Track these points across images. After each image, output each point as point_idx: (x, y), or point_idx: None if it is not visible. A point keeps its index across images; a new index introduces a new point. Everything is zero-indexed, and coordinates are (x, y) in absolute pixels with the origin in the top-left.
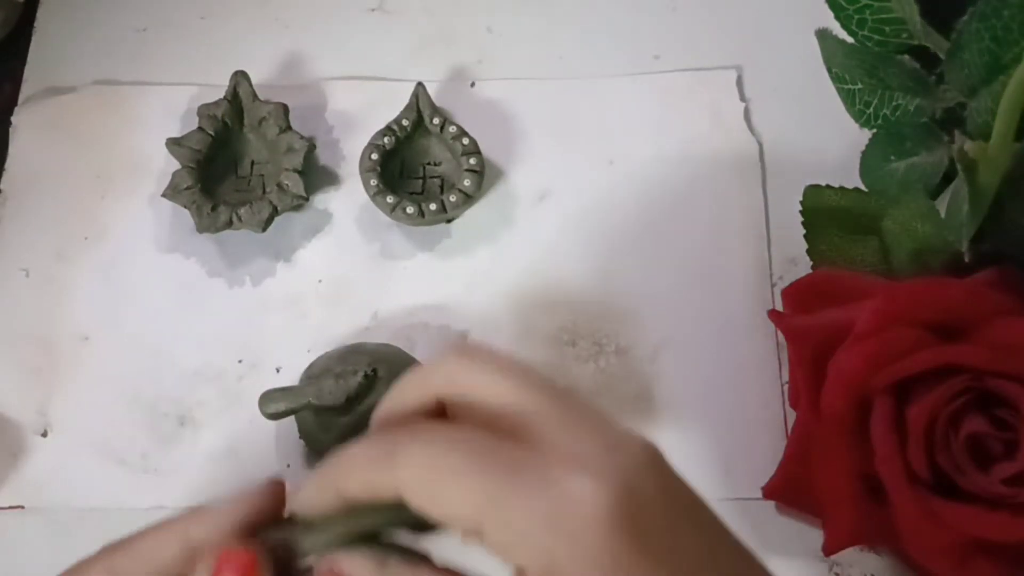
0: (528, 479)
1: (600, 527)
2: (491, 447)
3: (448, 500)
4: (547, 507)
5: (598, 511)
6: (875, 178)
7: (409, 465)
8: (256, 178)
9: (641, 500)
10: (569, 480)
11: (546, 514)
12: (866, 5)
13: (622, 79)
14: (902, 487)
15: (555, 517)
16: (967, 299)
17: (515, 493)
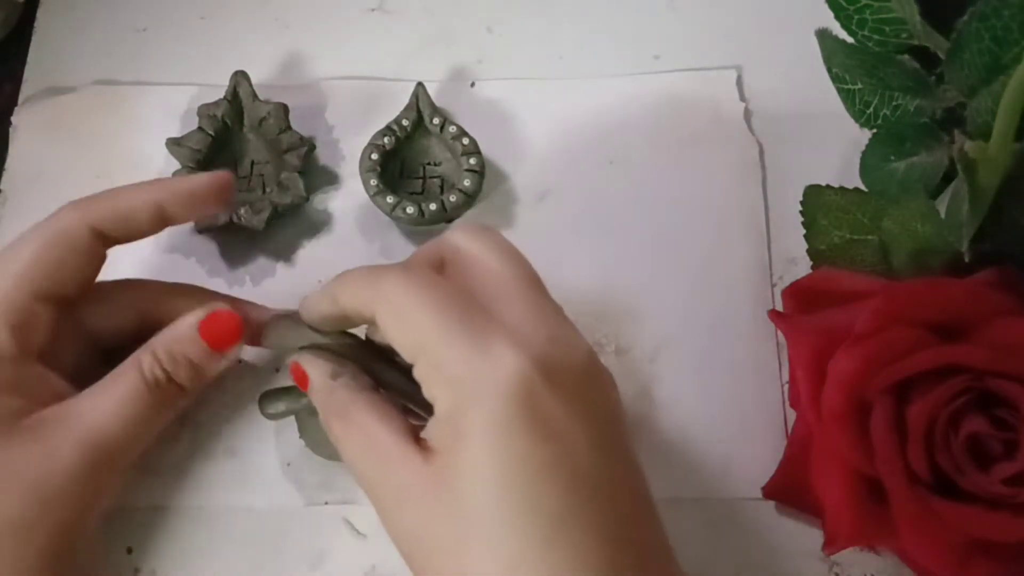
0: (470, 333)
1: (504, 396)
2: (457, 298)
3: (405, 327)
4: (472, 364)
5: (508, 382)
6: (875, 178)
7: (388, 289)
8: (256, 178)
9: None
10: (501, 349)
11: (468, 369)
12: (866, 5)
13: (622, 79)
14: (902, 487)
15: (474, 374)
16: (967, 299)
17: (454, 343)
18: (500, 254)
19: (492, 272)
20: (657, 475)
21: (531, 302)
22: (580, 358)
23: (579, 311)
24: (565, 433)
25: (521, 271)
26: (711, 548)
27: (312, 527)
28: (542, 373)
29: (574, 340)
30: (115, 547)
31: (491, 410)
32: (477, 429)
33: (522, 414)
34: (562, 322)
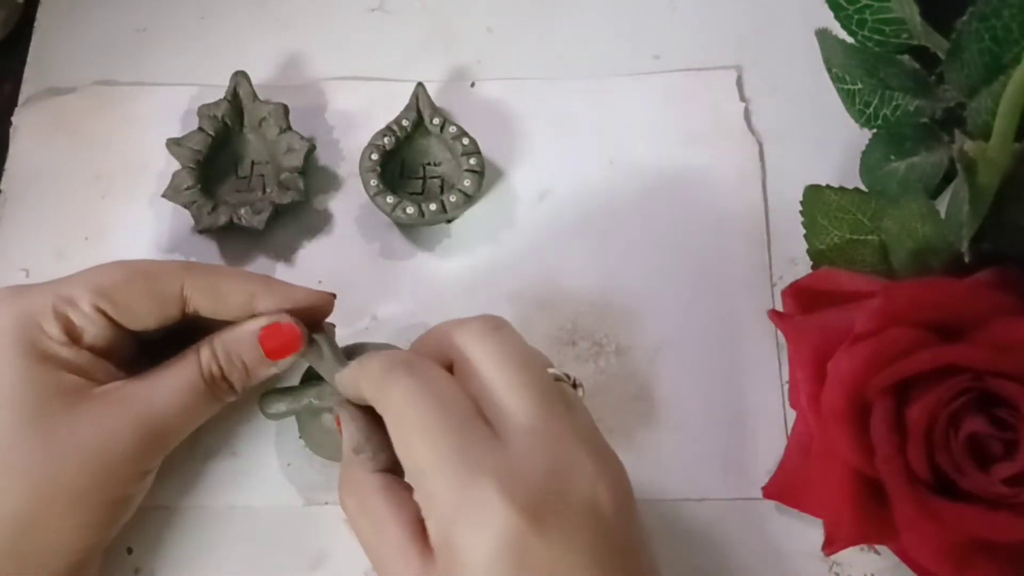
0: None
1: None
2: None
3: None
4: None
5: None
6: (875, 178)
7: (394, 400)
8: (256, 178)
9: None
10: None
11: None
12: (866, 5)
13: (622, 79)
14: (902, 487)
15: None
16: (967, 299)
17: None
18: (509, 366)
19: (499, 389)
20: (657, 476)
21: (539, 424)
22: (581, 492)
23: (579, 311)
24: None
25: (529, 381)
26: (711, 548)
27: (312, 527)
28: (532, 519)
29: (578, 468)
30: (115, 547)
31: (477, 557)
32: (465, 569)
33: (508, 562)
34: (571, 444)
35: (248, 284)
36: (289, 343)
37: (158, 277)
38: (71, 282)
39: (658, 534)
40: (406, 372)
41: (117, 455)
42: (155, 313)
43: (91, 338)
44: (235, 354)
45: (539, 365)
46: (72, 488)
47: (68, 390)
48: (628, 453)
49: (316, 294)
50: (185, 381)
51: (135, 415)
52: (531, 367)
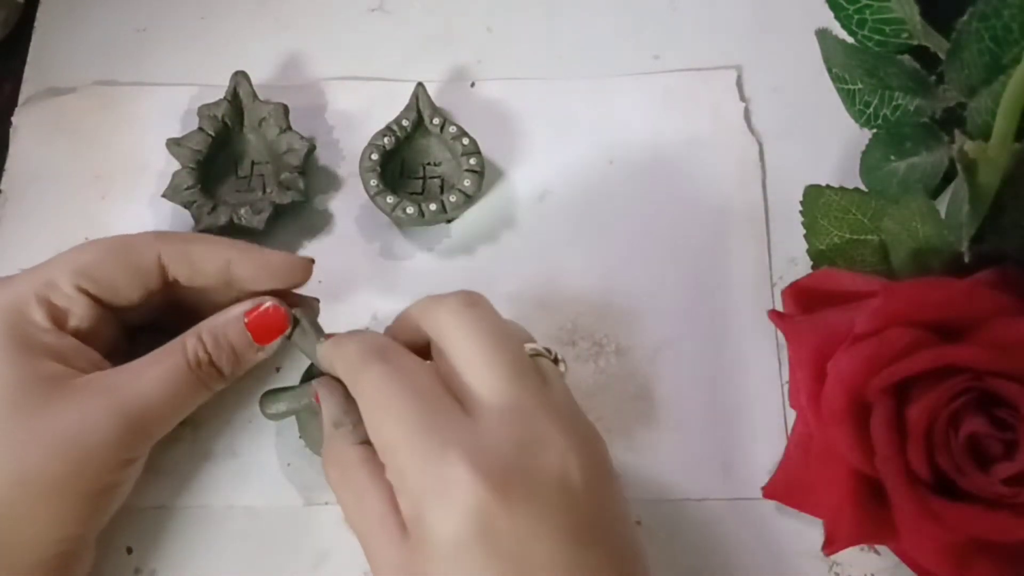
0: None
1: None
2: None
3: (375, 429)
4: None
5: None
6: (875, 178)
7: (364, 386)
8: (256, 178)
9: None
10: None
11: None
12: (866, 5)
13: (622, 79)
14: (902, 487)
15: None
16: (967, 299)
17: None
18: (480, 340)
19: (472, 366)
20: (657, 476)
21: (507, 400)
22: (552, 463)
23: (579, 311)
24: (522, 553)
25: (501, 359)
26: (711, 548)
27: (312, 527)
28: (499, 493)
29: (546, 440)
30: (115, 547)
31: (444, 531)
32: (434, 545)
33: (475, 536)
34: (539, 418)
35: (223, 250)
36: (275, 325)
37: (133, 247)
38: (50, 266)
39: (658, 534)
40: (378, 358)
41: (96, 443)
42: (136, 285)
43: (76, 320)
44: (222, 338)
45: (515, 341)
46: (48, 476)
47: (49, 378)
48: (628, 453)
49: (292, 259)
50: (170, 369)
51: (116, 402)
52: (505, 343)
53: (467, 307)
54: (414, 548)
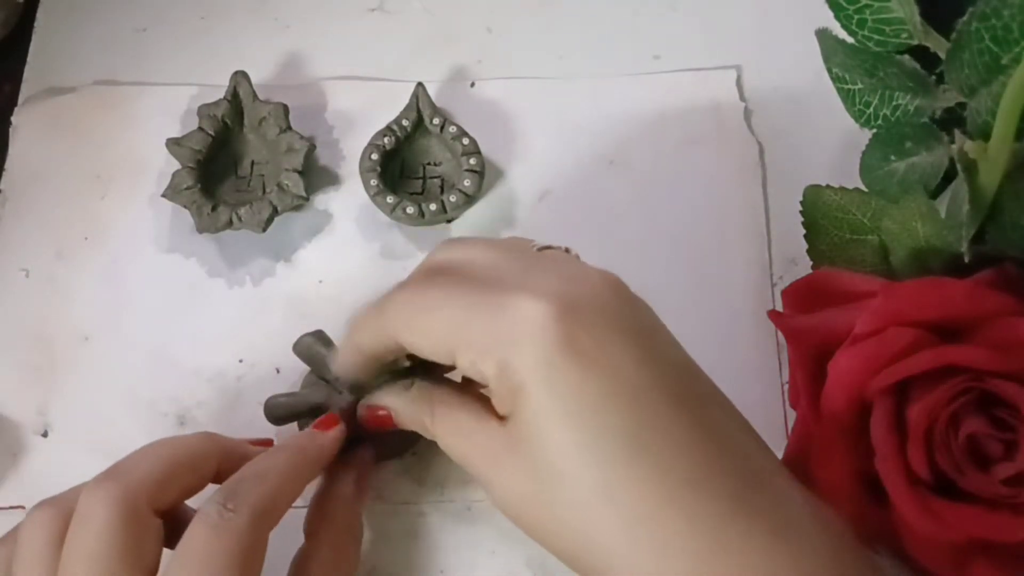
0: (487, 306)
1: (539, 339)
2: (460, 285)
3: (425, 334)
4: (500, 325)
5: (537, 326)
6: (875, 178)
7: (394, 310)
8: (256, 178)
9: (579, 319)
10: (519, 303)
11: (498, 331)
12: (866, 5)
13: (622, 79)
14: (902, 487)
15: (506, 333)
16: (967, 299)
17: (475, 318)
18: (482, 247)
19: (481, 262)
20: None
21: (528, 261)
22: (597, 286)
23: None
24: (608, 359)
25: (507, 248)
26: None
27: None
28: (566, 310)
29: (584, 272)
30: None
31: (531, 360)
32: (525, 383)
33: (560, 352)
34: (568, 262)
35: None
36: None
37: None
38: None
39: None
40: (392, 292)
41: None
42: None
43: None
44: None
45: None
46: None
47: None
48: None
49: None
50: None
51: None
52: (504, 242)
53: (457, 239)
54: (513, 415)
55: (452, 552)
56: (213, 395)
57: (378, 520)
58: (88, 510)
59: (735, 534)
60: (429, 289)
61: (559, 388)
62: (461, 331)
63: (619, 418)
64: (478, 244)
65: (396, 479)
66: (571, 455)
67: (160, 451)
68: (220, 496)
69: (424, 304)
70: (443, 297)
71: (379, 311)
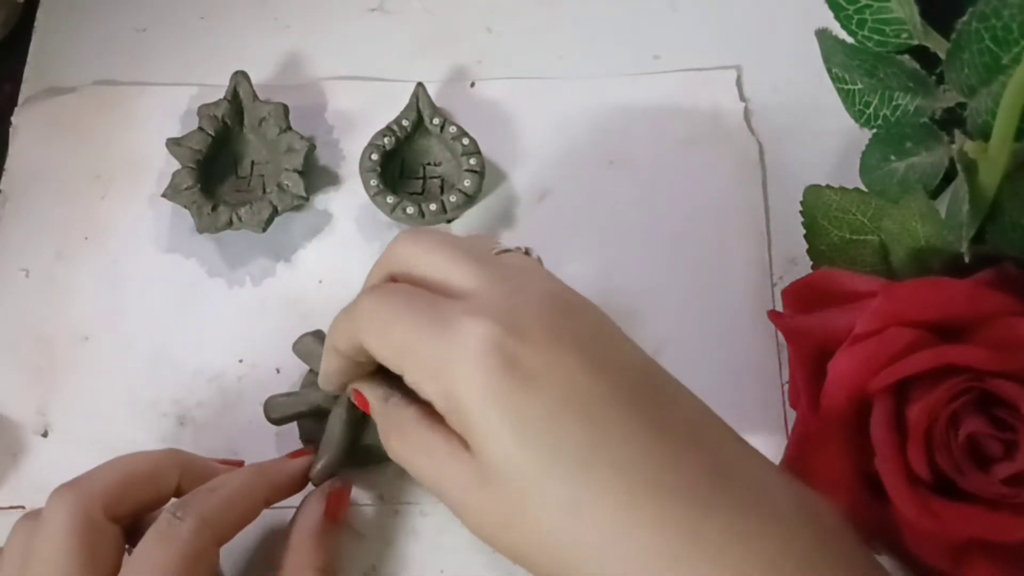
0: (431, 327)
1: (480, 360)
2: (422, 298)
3: (384, 343)
4: (445, 347)
5: (479, 351)
6: (875, 178)
7: (359, 316)
8: (256, 178)
9: (522, 338)
10: (461, 325)
11: (444, 352)
12: (866, 5)
13: (622, 79)
14: (902, 487)
15: (449, 354)
16: (967, 299)
17: (421, 339)
18: (441, 248)
19: (433, 264)
20: None
21: (483, 273)
22: (539, 296)
23: None
24: (555, 375)
25: (458, 249)
26: None
27: None
28: (508, 328)
29: (529, 283)
30: None
31: (475, 383)
32: (473, 405)
33: (504, 377)
34: (516, 273)
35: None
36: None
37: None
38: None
39: None
40: (363, 295)
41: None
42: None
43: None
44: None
45: (473, 241)
46: None
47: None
48: None
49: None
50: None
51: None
52: (463, 242)
53: (421, 233)
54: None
55: (452, 552)
56: (213, 395)
57: (378, 520)
58: (48, 515)
59: (710, 531)
60: (388, 298)
61: (507, 412)
62: (409, 349)
63: (573, 433)
64: (437, 244)
65: (396, 479)
66: (532, 477)
67: (122, 463)
68: (171, 506)
69: (383, 314)
70: (397, 311)
71: (349, 315)
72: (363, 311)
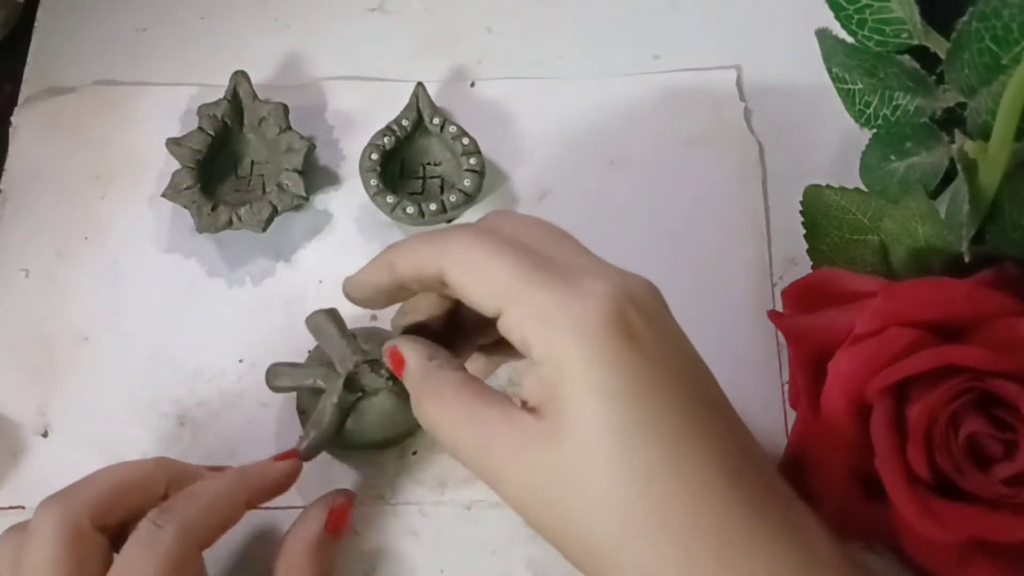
0: (552, 272)
1: (606, 318)
2: (528, 248)
3: (482, 277)
4: (564, 298)
5: (606, 307)
6: (875, 178)
7: (453, 242)
8: (256, 178)
9: (637, 308)
10: (585, 280)
11: (561, 303)
12: (866, 5)
13: (622, 79)
14: (902, 487)
15: (569, 306)
16: (967, 299)
17: (538, 279)
18: (540, 224)
19: (539, 234)
20: None
21: (581, 249)
22: (645, 285)
23: None
24: (661, 350)
25: (561, 231)
26: None
27: None
28: (627, 297)
29: (636, 275)
30: None
31: (594, 340)
32: (584, 361)
33: (620, 337)
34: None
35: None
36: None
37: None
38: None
39: None
40: (463, 227)
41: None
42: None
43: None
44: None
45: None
46: None
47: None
48: None
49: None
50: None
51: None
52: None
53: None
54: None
55: (452, 552)
56: (213, 395)
57: (378, 520)
58: (35, 526)
59: (760, 537)
60: (493, 237)
61: (618, 373)
62: (520, 290)
63: (670, 413)
64: (535, 220)
65: (396, 479)
66: (615, 441)
67: (110, 473)
68: (152, 514)
69: (488, 248)
70: (512, 252)
71: (432, 238)
72: (458, 241)
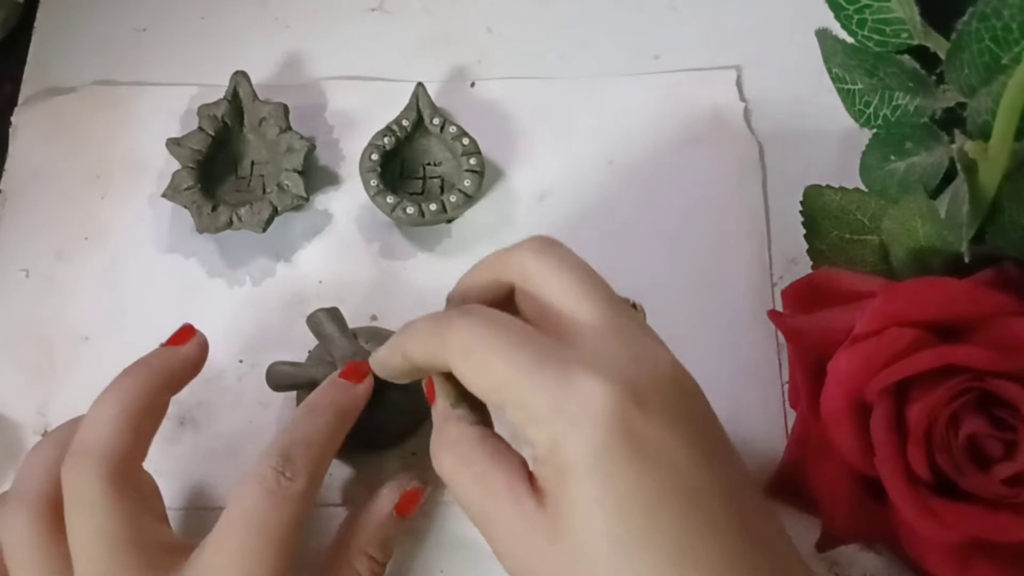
0: (549, 370)
1: (600, 425)
2: (529, 337)
3: (481, 374)
4: (560, 397)
5: (601, 412)
6: (875, 178)
7: (456, 337)
8: (256, 178)
9: (642, 410)
10: (585, 381)
11: (557, 403)
12: (866, 5)
13: (622, 79)
14: (902, 487)
15: (565, 406)
16: (967, 299)
17: (534, 380)
18: (570, 273)
19: (567, 297)
20: None
21: (608, 322)
22: (665, 371)
23: None
24: (666, 455)
25: (593, 288)
26: None
27: (312, 527)
28: (630, 397)
29: (655, 353)
30: None
31: (588, 445)
32: (578, 466)
33: (620, 442)
34: (641, 335)
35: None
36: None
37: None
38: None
39: None
40: (459, 314)
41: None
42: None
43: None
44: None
45: (599, 276)
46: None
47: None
48: None
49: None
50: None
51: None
52: (595, 274)
53: (549, 246)
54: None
55: (452, 552)
56: (213, 395)
57: None
58: (79, 491)
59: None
60: (492, 327)
61: (614, 480)
62: (519, 388)
63: (669, 526)
64: (566, 264)
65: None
66: (613, 558)
67: (113, 410)
68: (275, 461)
69: (489, 342)
70: (509, 344)
71: (440, 327)
72: (458, 332)
